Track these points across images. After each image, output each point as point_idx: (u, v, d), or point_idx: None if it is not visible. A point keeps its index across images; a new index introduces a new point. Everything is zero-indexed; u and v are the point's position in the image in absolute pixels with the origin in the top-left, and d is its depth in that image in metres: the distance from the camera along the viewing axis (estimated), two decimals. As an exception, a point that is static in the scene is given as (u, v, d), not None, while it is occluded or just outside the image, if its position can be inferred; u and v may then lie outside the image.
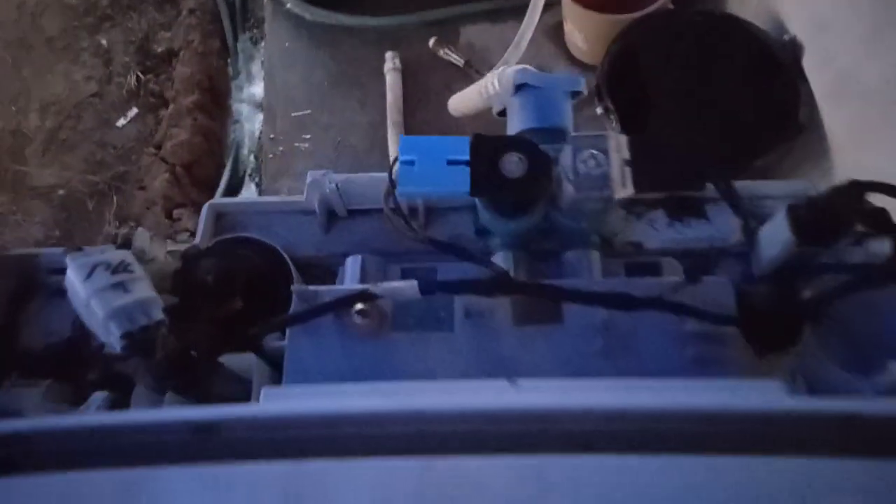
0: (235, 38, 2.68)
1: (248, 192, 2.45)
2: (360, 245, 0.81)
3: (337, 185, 0.78)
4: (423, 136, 0.67)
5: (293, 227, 0.83)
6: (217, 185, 2.42)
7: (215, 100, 2.59)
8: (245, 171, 2.51)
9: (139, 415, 0.52)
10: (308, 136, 2.37)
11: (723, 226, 0.80)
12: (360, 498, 0.46)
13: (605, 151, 0.65)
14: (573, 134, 0.66)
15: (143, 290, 0.61)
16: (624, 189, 0.64)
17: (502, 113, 0.88)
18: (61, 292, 0.75)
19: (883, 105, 1.45)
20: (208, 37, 2.64)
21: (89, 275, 0.60)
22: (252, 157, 2.52)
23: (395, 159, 0.66)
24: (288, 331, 0.68)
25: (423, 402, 0.50)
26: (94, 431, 0.50)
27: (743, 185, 0.82)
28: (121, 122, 2.51)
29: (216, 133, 2.55)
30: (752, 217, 0.82)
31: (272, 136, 2.39)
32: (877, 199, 0.68)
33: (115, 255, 0.63)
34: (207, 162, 2.48)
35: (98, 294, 0.59)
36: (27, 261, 0.79)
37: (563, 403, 0.50)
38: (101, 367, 0.71)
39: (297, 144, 2.36)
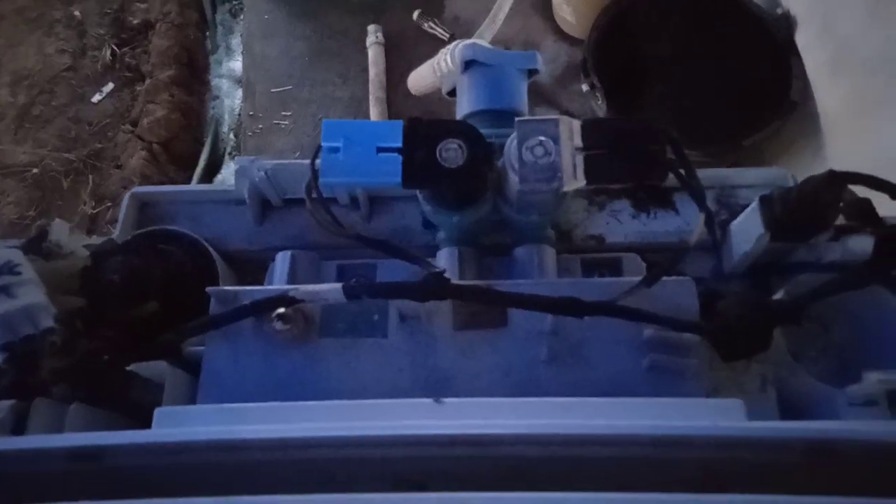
0: (214, 10, 2.59)
1: (228, 171, 2.38)
2: (296, 238, 0.74)
3: (266, 173, 0.71)
4: (351, 121, 0.59)
5: (224, 219, 0.76)
6: (196, 164, 2.35)
7: (194, 74, 2.51)
8: (225, 150, 2.44)
9: (8, 441, 0.46)
10: (288, 114, 2.30)
11: (692, 217, 0.73)
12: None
13: (554, 138, 0.58)
14: (518, 119, 0.59)
15: (31, 295, 0.55)
16: (575, 180, 0.57)
17: (452, 93, 0.81)
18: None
19: (883, 75, 1.39)
20: (186, 8, 2.56)
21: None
22: (232, 135, 2.44)
23: (319, 147, 0.59)
24: (206, 338, 0.62)
25: (322, 428, 0.43)
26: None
27: (714, 174, 0.75)
28: (96, 97, 2.44)
29: (195, 109, 2.47)
30: (725, 208, 0.75)
31: (251, 112, 2.32)
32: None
33: (1, 254, 0.56)
34: (186, 139, 2.40)
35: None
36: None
37: (485, 427, 0.43)
38: (9, 374, 0.64)
39: (276, 122, 2.29)
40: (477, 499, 0.39)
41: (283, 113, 2.30)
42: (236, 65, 2.51)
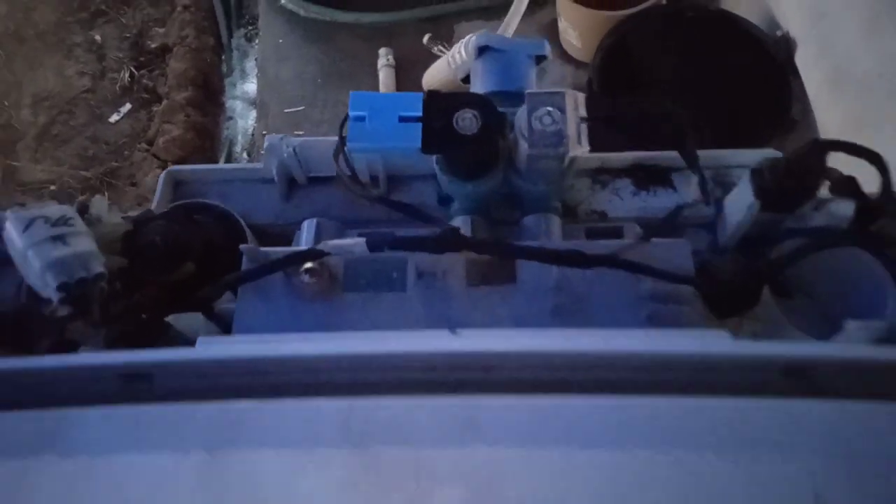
0: (230, 35, 2.67)
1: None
2: (320, 213, 0.79)
3: (294, 150, 0.76)
4: (375, 92, 0.65)
5: (252, 195, 0.82)
6: (209, 182, 2.41)
7: (209, 96, 2.59)
8: (238, 168, 2.50)
9: (64, 359, 0.51)
10: (301, 133, 2.36)
11: (689, 194, 0.78)
12: (282, 436, 0.44)
13: (561, 109, 0.64)
14: (529, 91, 0.64)
15: (84, 244, 0.60)
16: (580, 146, 0.62)
17: (466, 79, 0.87)
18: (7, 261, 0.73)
19: (879, 95, 1.44)
20: (202, 33, 2.64)
21: (27, 227, 0.59)
22: (245, 154, 2.51)
23: (346, 116, 0.65)
24: (238, 292, 0.67)
25: (352, 346, 0.49)
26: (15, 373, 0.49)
27: (710, 154, 0.80)
28: (113, 117, 2.51)
29: (209, 129, 2.54)
30: (720, 186, 0.80)
31: (265, 132, 2.39)
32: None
33: (56, 209, 0.61)
34: (199, 158, 2.47)
35: (35, 246, 0.58)
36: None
37: (494, 347, 0.49)
38: (52, 333, 0.69)
39: (289, 140, 2.35)
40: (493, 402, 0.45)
41: (296, 133, 2.36)
42: (250, 87, 2.59)
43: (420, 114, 0.64)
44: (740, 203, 0.71)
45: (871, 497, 0.41)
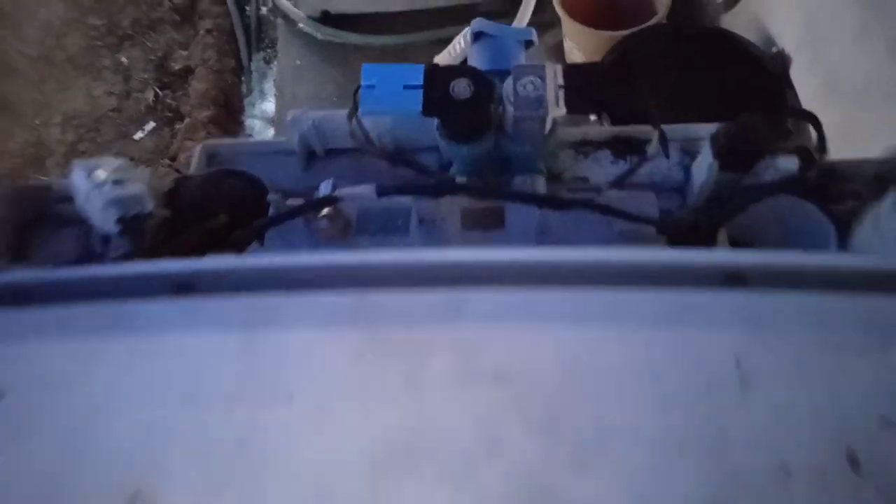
0: (249, 58, 2.81)
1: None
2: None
3: (314, 123, 0.88)
4: (384, 65, 0.76)
5: (277, 166, 0.93)
6: (228, 195, 2.53)
7: (229, 115, 2.72)
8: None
9: (121, 267, 0.61)
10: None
11: (660, 163, 0.89)
12: (304, 319, 0.55)
13: (542, 78, 0.75)
14: (515, 65, 0.75)
15: (136, 187, 0.71)
16: (557, 109, 0.73)
17: (464, 62, 0.98)
18: (69, 220, 0.85)
19: (870, 101, 1.52)
20: (224, 55, 2.78)
21: (91, 173, 0.70)
22: (262, 169, 2.63)
23: (359, 86, 0.76)
24: (265, 238, 0.78)
25: (362, 257, 0.59)
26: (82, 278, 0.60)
27: (680, 128, 0.91)
28: (138, 135, 2.64)
29: (229, 146, 2.67)
30: (688, 155, 0.91)
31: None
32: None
33: (113, 160, 0.73)
34: (220, 173, 2.59)
35: (98, 188, 0.69)
36: (37, 191, 0.89)
37: (486, 255, 0.59)
38: (123, 241, 0.79)
39: (304, 155, 2.48)
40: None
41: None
42: (269, 106, 2.72)
43: (421, 82, 0.75)
44: (703, 165, 0.82)
45: (783, 359, 0.51)
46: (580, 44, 2.29)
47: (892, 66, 1.47)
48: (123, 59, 2.79)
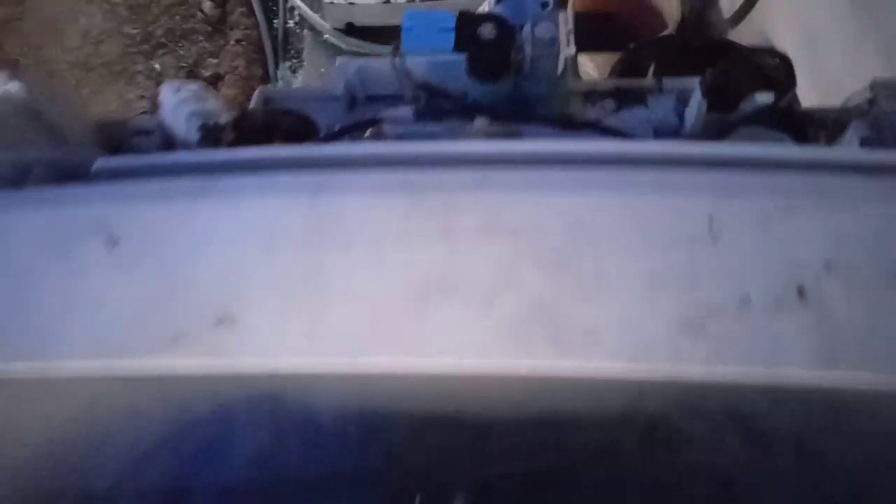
0: (276, 66, 2.98)
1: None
2: (375, 122, 1.04)
3: (358, 69, 1.01)
4: (422, 11, 0.90)
5: (323, 109, 1.06)
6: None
7: (256, 119, 2.87)
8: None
9: (208, 153, 0.75)
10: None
11: (659, 111, 1.02)
12: (360, 190, 0.68)
13: (555, 23, 0.89)
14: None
15: (214, 103, 0.85)
16: (568, 49, 0.87)
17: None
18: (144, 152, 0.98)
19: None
20: (252, 64, 2.94)
21: (177, 91, 0.84)
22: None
23: (401, 28, 0.90)
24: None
25: (408, 147, 0.73)
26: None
27: (676, 81, 1.04)
28: (170, 136, 2.79)
29: (255, 149, 2.82)
30: (681, 104, 1.04)
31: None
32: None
33: (193, 83, 0.86)
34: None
35: (184, 102, 0.83)
36: (116, 125, 1.02)
37: (506, 146, 0.72)
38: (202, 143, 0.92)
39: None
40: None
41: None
42: (294, 111, 2.87)
43: (453, 25, 0.89)
44: (693, 109, 0.95)
45: (748, 218, 0.64)
46: (591, 56, 2.43)
47: (886, 73, 1.59)
48: (156, 66, 2.95)
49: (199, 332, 0.63)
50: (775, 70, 0.90)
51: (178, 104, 0.82)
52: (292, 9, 3.05)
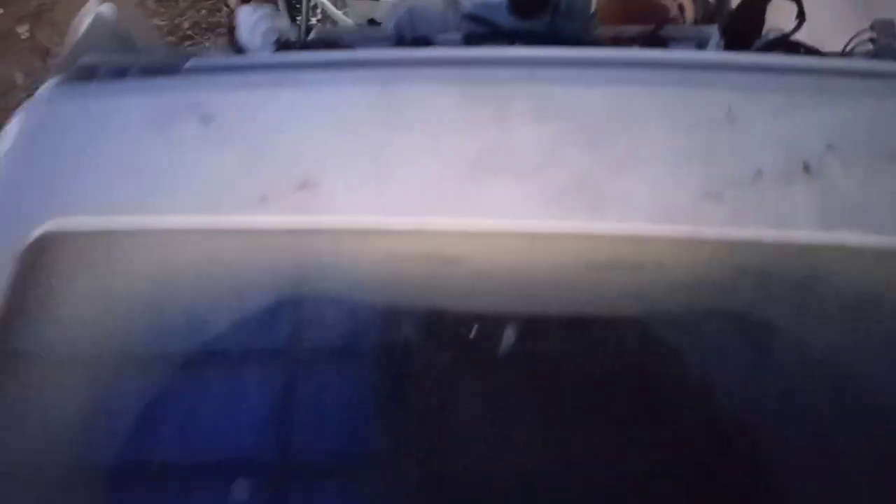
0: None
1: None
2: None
3: (409, 10, 1.12)
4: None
5: (373, 48, 1.17)
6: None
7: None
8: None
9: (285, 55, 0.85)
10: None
11: (680, 55, 1.12)
12: (427, 82, 0.78)
13: (588, -30, 1.00)
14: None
15: (285, 22, 0.96)
16: (596, -10, 0.98)
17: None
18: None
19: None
20: (277, 54, 3.05)
21: (254, 10, 0.94)
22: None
23: (452, -37, 1.01)
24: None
25: (462, 51, 0.83)
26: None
27: (694, 29, 1.15)
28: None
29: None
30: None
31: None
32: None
33: (265, 6, 0.97)
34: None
35: (260, 19, 0.93)
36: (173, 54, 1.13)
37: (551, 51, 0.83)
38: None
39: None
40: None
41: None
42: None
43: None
44: (712, 45, 1.05)
45: (762, 107, 0.74)
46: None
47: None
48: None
49: (284, 193, 0.72)
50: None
51: (256, 22, 0.92)
52: (315, 5, 3.15)
